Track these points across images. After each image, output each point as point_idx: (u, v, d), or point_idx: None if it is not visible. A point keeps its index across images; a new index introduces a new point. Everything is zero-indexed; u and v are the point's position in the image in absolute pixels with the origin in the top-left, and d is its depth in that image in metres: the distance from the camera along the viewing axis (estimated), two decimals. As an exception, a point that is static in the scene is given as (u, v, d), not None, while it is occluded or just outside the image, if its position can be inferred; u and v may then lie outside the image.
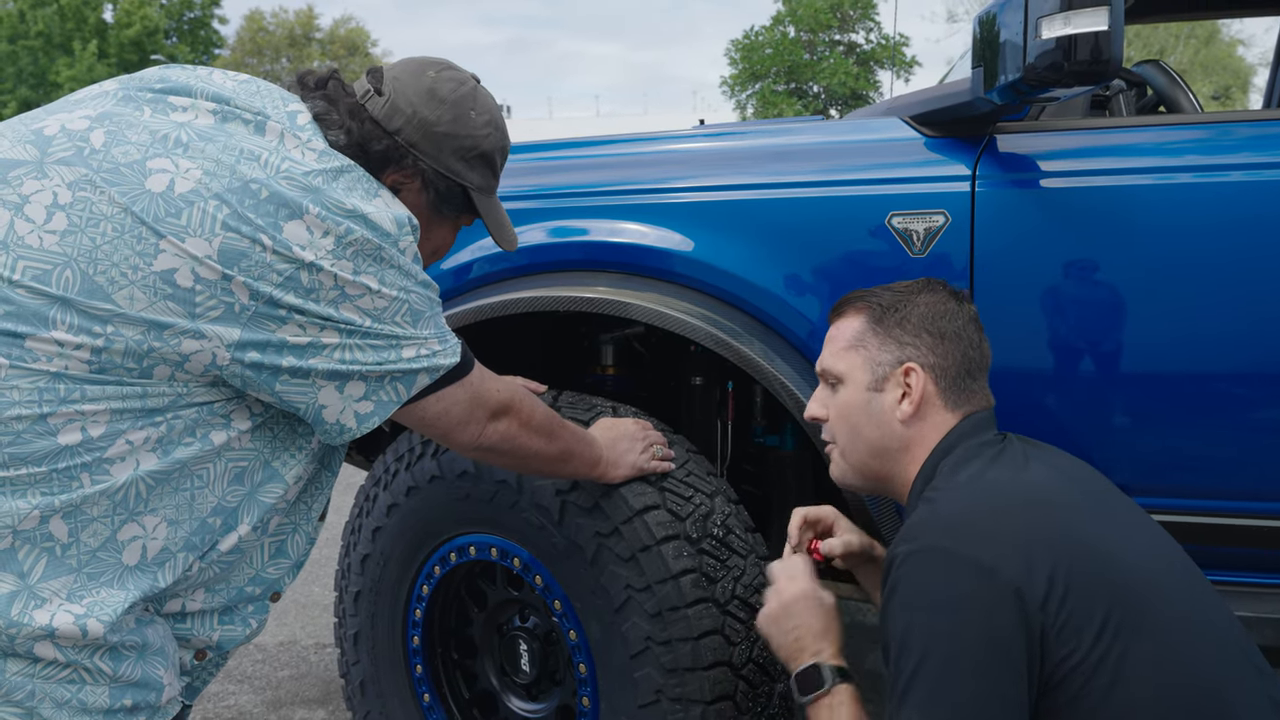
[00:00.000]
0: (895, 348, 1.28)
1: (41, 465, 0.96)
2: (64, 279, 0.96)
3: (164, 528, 1.04)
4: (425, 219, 1.23)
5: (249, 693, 2.68)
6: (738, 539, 1.59)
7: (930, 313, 1.28)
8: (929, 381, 1.26)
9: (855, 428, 1.30)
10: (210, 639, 1.13)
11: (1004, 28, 1.37)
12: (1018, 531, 1.06)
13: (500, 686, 1.82)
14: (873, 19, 34.22)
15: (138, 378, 0.99)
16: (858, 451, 1.31)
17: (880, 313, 1.30)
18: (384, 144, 1.17)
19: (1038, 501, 1.11)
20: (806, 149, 1.74)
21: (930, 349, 1.27)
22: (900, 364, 1.27)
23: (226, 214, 0.98)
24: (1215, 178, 1.46)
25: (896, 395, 1.27)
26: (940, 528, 1.09)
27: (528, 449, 1.29)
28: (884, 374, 1.28)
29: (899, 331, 1.28)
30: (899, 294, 1.31)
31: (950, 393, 1.26)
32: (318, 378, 1.05)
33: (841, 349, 1.32)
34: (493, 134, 1.26)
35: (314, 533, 1.22)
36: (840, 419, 1.32)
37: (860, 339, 1.31)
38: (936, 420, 1.26)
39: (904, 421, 1.26)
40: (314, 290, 1.02)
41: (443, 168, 1.21)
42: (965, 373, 1.27)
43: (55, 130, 1.03)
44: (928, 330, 1.27)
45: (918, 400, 1.25)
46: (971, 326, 1.29)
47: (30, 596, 0.96)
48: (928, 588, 1.05)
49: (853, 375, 1.30)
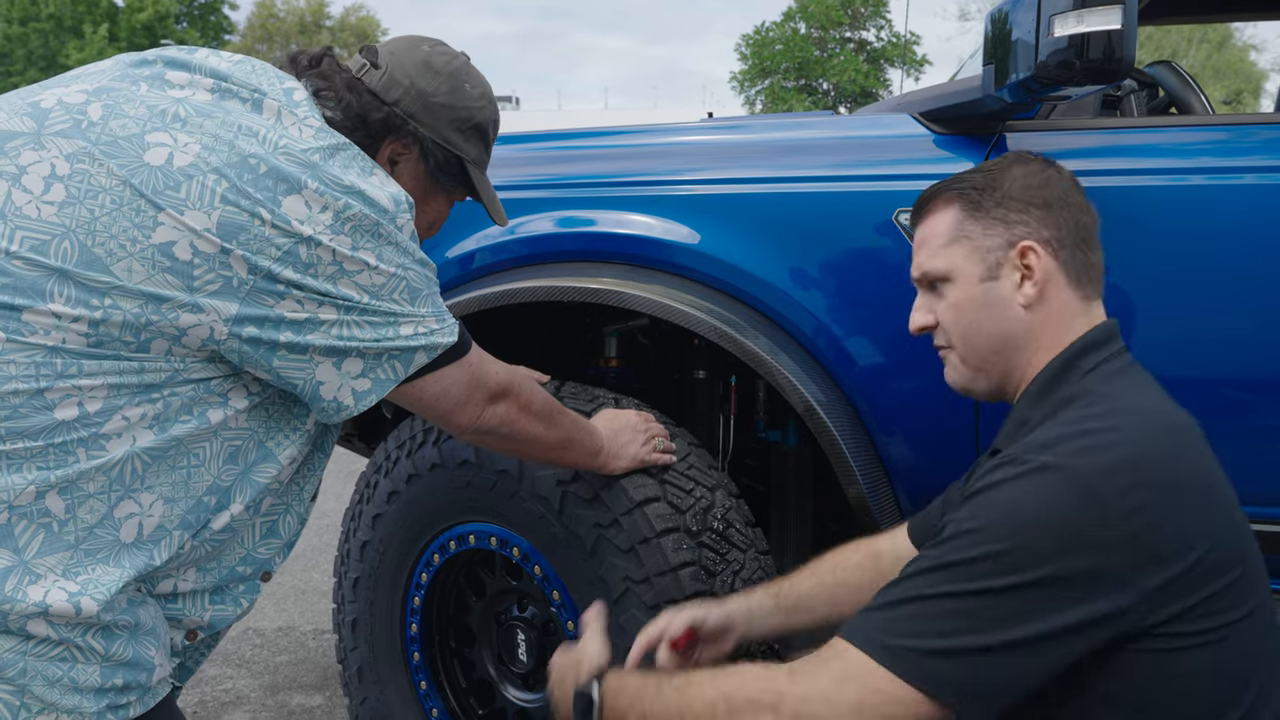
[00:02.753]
0: (1003, 229, 1.16)
1: (38, 440, 0.96)
2: (62, 250, 0.96)
3: (160, 505, 1.04)
4: (422, 190, 1.26)
5: (246, 677, 2.68)
6: (738, 533, 1.59)
7: (1030, 183, 1.16)
8: (1048, 257, 1.14)
9: (974, 325, 1.18)
10: (202, 619, 1.13)
11: (1016, 25, 1.36)
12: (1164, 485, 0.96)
13: (497, 675, 1.82)
14: (884, 16, 34.11)
15: (135, 352, 0.99)
16: (978, 350, 1.19)
17: (976, 196, 1.18)
18: (383, 113, 1.19)
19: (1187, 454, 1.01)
20: (815, 144, 1.73)
21: (1041, 222, 1.15)
22: (1013, 244, 1.15)
23: (225, 188, 0.99)
24: (1227, 180, 1.45)
25: (1015, 280, 1.15)
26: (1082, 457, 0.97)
27: (527, 433, 1.29)
28: (997, 260, 1.16)
29: (1002, 211, 1.16)
30: (989, 172, 1.20)
31: (1072, 265, 1.15)
32: (315, 354, 1.05)
33: (941, 246, 1.20)
34: (486, 106, 1.29)
35: (305, 513, 1.22)
36: (954, 321, 1.20)
37: (960, 229, 1.19)
38: (1063, 300, 1.14)
39: (1028, 306, 1.14)
40: (312, 265, 1.02)
41: (440, 138, 1.24)
42: (1082, 240, 1.15)
43: (52, 103, 1.03)
44: (1033, 203, 1.15)
45: (1041, 280, 1.14)
46: (1075, 190, 1.17)
47: (25, 572, 0.96)
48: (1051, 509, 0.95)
49: (960, 270, 1.19)
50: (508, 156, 1.92)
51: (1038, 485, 0.96)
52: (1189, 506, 0.97)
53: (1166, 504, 0.96)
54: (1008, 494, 0.98)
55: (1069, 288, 1.15)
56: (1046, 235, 1.15)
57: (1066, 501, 0.94)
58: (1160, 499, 0.95)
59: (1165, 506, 0.95)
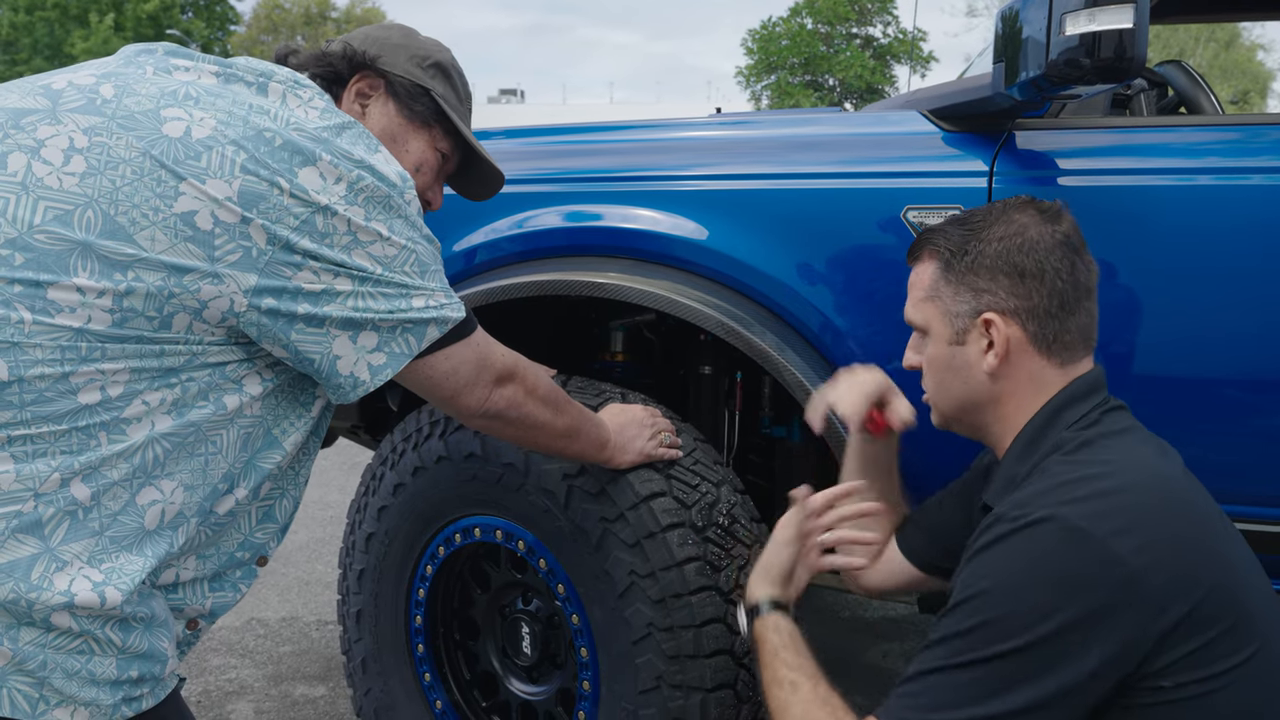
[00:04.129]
0: (970, 296, 1.16)
1: (62, 424, 0.97)
2: (86, 219, 0.97)
3: (181, 492, 1.05)
4: (399, 126, 1.31)
5: (250, 667, 2.69)
6: (742, 528, 1.59)
7: (1005, 248, 1.14)
8: (1015, 328, 1.14)
9: (942, 383, 1.21)
10: (203, 607, 1.15)
11: (1027, 23, 1.36)
12: (1157, 529, 0.97)
13: (501, 668, 1.83)
14: (891, 12, 34.04)
15: (157, 330, 1.01)
16: (948, 406, 1.23)
17: (949, 258, 1.18)
18: (345, 56, 1.28)
19: (1176, 499, 1.02)
20: (823, 140, 1.73)
21: (1010, 291, 1.13)
22: (978, 314, 1.15)
23: (244, 158, 1.01)
24: (1236, 180, 1.45)
25: (981, 346, 1.16)
26: (1072, 506, 0.98)
27: (535, 418, 1.30)
28: (964, 325, 1.17)
29: (972, 278, 1.16)
30: (971, 230, 1.18)
31: (1043, 335, 1.13)
32: (332, 326, 1.07)
33: (919, 300, 1.23)
34: (442, 51, 1.36)
35: (299, 496, 1.24)
36: (929, 373, 1.23)
37: (934, 289, 1.20)
38: (1031, 368, 1.14)
39: (991, 374, 1.15)
40: (328, 235, 1.04)
41: (402, 71, 1.30)
42: (1059, 308, 1.13)
43: (63, 85, 1.05)
44: (1003, 271, 1.14)
45: (1003, 351, 1.14)
46: (1058, 253, 1.13)
47: (51, 559, 0.96)
48: (1045, 560, 0.95)
49: (933, 328, 1.21)
50: (514, 150, 1.92)
51: (1031, 538, 0.97)
52: (1184, 549, 0.97)
53: (1161, 546, 0.96)
54: (1002, 553, 0.99)
55: (1038, 356, 1.14)
56: (1014, 305, 1.13)
57: (1063, 550, 0.95)
58: (1155, 542, 0.96)
59: (1160, 549, 0.96)
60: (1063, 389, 1.14)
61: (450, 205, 1.52)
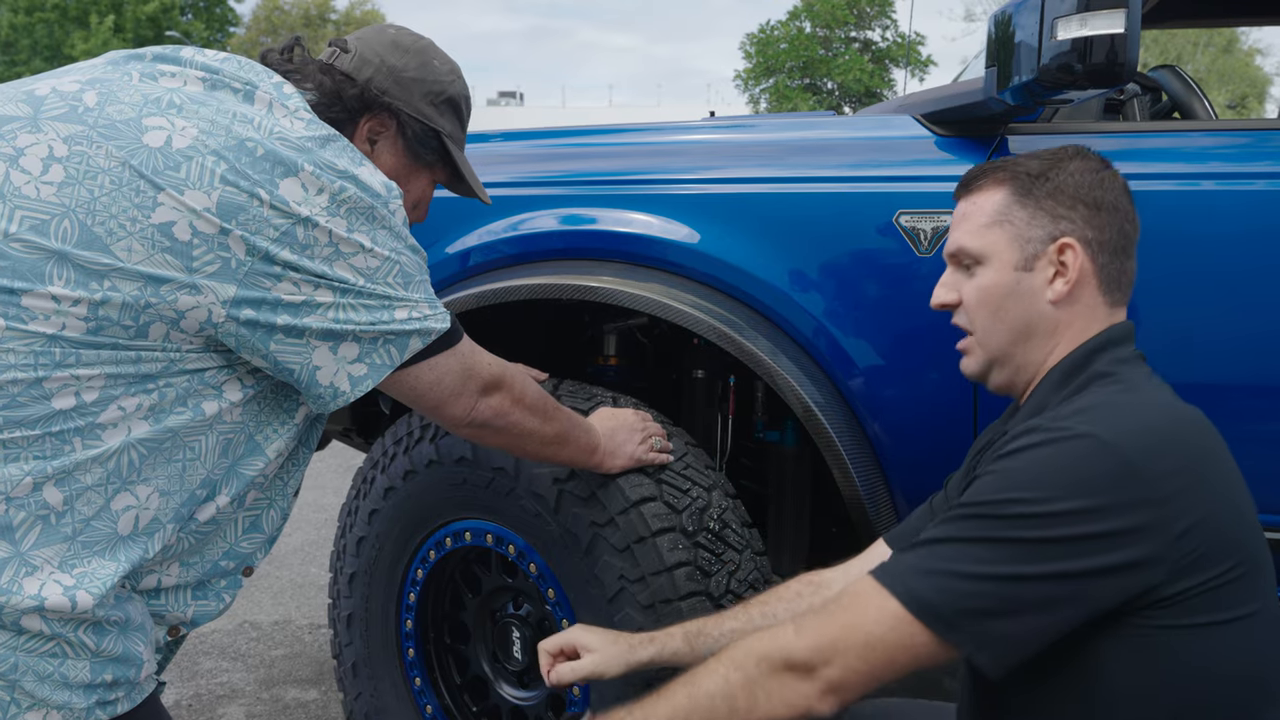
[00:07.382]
0: (1048, 221, 1.14)
1: (35, 429, 0.96)
2: (62, 229, 0.97)
3: (156, 498, 1.04)
4: (404, 167, 1.30)
5: (242, 670, 2.68)
6: (734, 533, 1.58)
7: (1085, 180, 1.14)
8: (1086, 258, 1.12)
9: (998, 311, 1.16)
10: (185, 615, 1.14)
11: (1019, 28, 1.35)
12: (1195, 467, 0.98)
13: (492, 673, 1.82)
14: (889, 16, 34.07)
15: (133, 338, 1.00)
16: (998, 337, 1.17)
17: (1028, 182, 1.15)
18: (357, 89, 1.23)
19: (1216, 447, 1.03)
20: (817, 144, 1.73)
21: (1087, 221, 1.12)
22: (1054, 239, 1.13)
23: (224, 169, 1.00)
24: (1229, 185, 1.44)
25: (1049, 274, 1.13)
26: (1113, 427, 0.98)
27: (522, 427, 1.29)
28: (1035, 251, 1.14)
29: (1051, 202, 1.14)
30: (1047, 160, 1.16)
31: (1107, 271, 1.13)
32: (312, 337, 1.06)
33: (982, 225, 1.17)
34: (456, 81, 1.33)
35: (288, 508, 1.23)
36: (980, 303, 1.18)
37: (1005, 212, 1.16)
38: (1090, 303, 1.13)
39: (1056, 303, 1.13)
40: (309, 246, 1.03)
41: (415, 111, 1.27)
42: (1122, 249, 1.14)
43: (46, 91, 1.04)
44: (1083, 200, 1.13)
45: (1074, 280, 1.12)
46: (1126, 197, 1.15)
47: (22, 564, 0.96)
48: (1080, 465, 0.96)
49: (996, 254, 1.16)
50: (511, 153, 1.92)
51: (1070, 450, 0.97)
52: (1213, 483, 0.99)
53: (1195, 476, 0.97)
54: (1038, 456, 0.99)
55: (1099, 291, 1.14)
56: (1090, 236, 1.13)
57: (1100, 465, 0.95)
58: (1190, 470, 0.97)
59: (1194, 478, 0.97)
60: (1107, 329, 1.14)
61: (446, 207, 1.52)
